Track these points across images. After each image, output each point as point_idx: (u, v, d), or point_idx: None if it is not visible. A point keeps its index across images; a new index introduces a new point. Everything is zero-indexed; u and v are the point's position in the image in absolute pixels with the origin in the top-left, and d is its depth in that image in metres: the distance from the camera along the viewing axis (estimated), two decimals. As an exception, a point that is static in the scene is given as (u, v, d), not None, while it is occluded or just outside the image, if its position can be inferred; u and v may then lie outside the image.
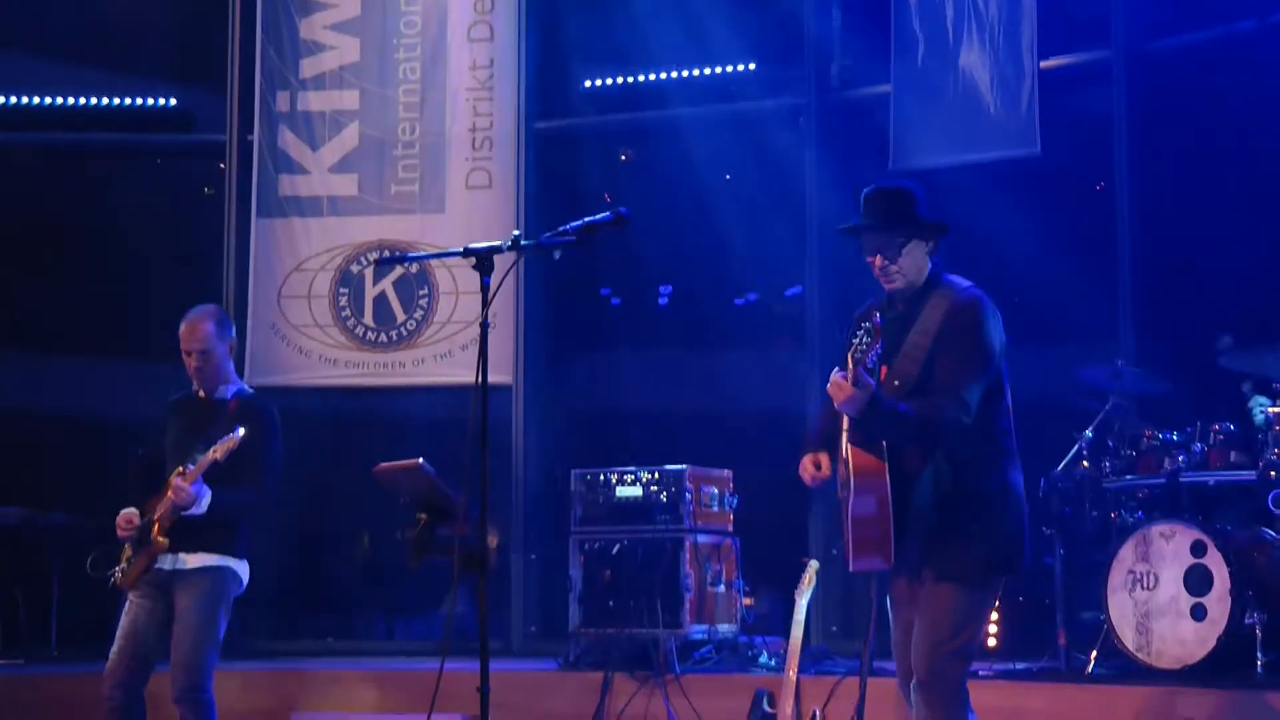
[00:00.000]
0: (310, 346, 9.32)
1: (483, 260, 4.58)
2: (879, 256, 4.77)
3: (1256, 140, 7.57)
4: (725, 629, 7.58)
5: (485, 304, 4.55)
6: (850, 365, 4.46)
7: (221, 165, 9.73)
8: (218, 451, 5.54)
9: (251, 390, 6.01)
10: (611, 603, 7.49)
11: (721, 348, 9.91)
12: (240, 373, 6.23)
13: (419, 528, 4.79)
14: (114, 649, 5.76)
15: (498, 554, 9.10)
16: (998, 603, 6.77)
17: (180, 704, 5.68)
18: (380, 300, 9.35)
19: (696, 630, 7.42)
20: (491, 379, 4.50)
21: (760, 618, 8.00)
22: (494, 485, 4.86)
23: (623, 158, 10.28)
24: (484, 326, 4.55)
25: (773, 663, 7.30)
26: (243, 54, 9.58)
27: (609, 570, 7.54)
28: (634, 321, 10.25)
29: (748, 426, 9.29)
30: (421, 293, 9.33)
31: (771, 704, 6.57)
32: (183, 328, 5.88)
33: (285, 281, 9.39)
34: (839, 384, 4.52)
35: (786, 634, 6.53)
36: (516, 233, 4.80)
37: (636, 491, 7.60)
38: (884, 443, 4.59)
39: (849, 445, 4.64)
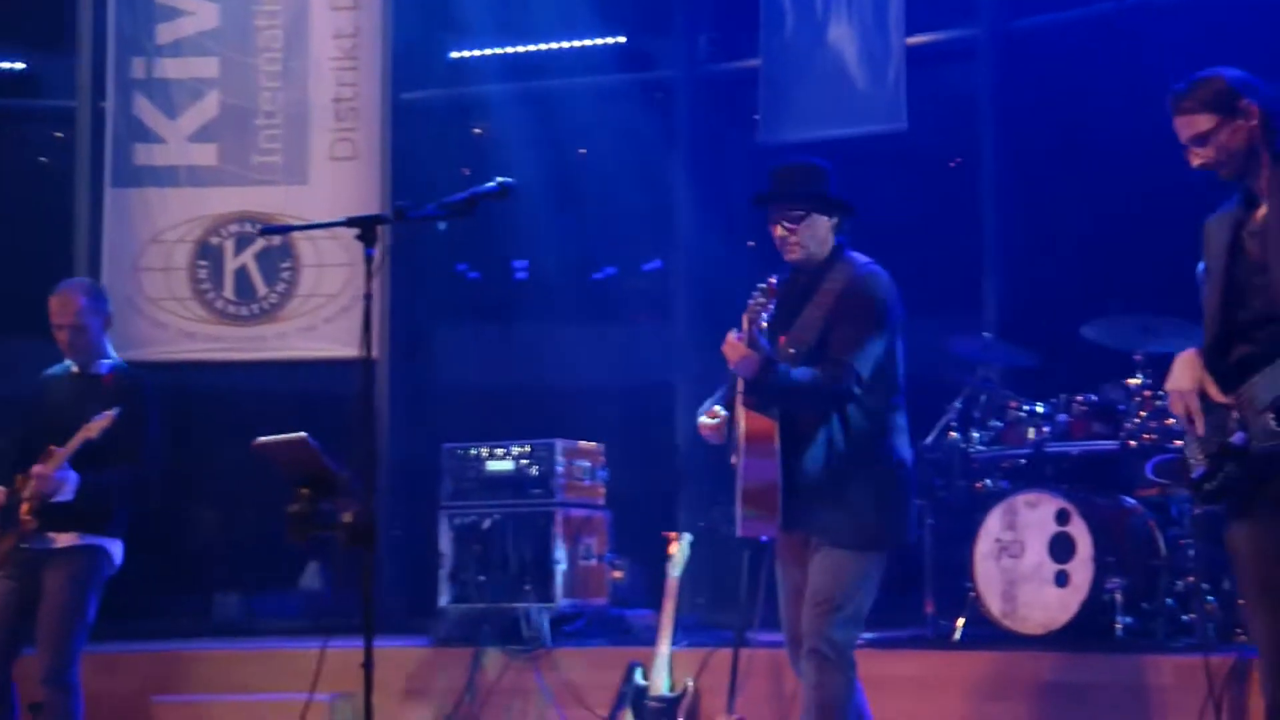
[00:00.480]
0: (168, 320, 9.04)
1: (367, 231, 4.51)
2: (779, 225, 4.82)
3: (1115, 117, 7.73)
4: (597, 602, 7.58)
5: (369, 276, 4.45)
6: (746, 326, 4.50)
7: (58, 134, 9.42)
8: (91, 430, 5.40)
9: (127, 365, 5.85)
10: (482, 577, 7.44)
11: (581, 322, 9.87)
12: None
13: (302, 503, 4.70)
14: (-21, 630, 5.61)
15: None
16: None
17: (46, 685, 5.58)
18: (241, 273, 9.11)
19: (568, 604, 7.40)
20: (358, 353, 4.45)
21: (631, 590, 8.02)
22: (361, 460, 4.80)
23: (476, 131, 10.16)
24: (367, 299, 4.47)
25: (645, 636, 7.31)
26: (95, 17, 9.24)
27: (480, 545, 7.49)
28: (493, 296, 10.17)
29: (611, 401, 9.28)
30: (284, 266, 9.10)
31: (644, 676, 6.59)
32: (53, 301, 5.71)
33: (142, 253, 9.11)
34: (734, 344, 4.57)
35: (658, 607, 6.57)
36: (401, 204, 4.73)
37: (508, 465, 7.55)
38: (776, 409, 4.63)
39: (742, 409, 4.66)
